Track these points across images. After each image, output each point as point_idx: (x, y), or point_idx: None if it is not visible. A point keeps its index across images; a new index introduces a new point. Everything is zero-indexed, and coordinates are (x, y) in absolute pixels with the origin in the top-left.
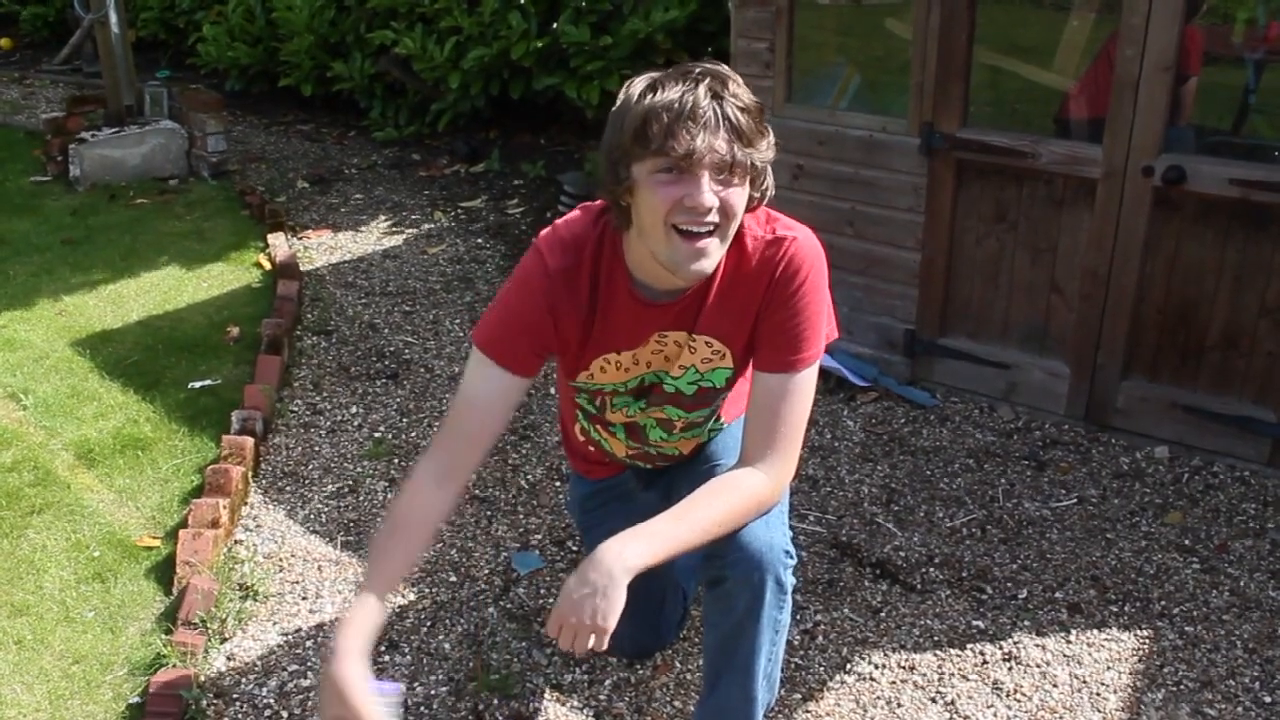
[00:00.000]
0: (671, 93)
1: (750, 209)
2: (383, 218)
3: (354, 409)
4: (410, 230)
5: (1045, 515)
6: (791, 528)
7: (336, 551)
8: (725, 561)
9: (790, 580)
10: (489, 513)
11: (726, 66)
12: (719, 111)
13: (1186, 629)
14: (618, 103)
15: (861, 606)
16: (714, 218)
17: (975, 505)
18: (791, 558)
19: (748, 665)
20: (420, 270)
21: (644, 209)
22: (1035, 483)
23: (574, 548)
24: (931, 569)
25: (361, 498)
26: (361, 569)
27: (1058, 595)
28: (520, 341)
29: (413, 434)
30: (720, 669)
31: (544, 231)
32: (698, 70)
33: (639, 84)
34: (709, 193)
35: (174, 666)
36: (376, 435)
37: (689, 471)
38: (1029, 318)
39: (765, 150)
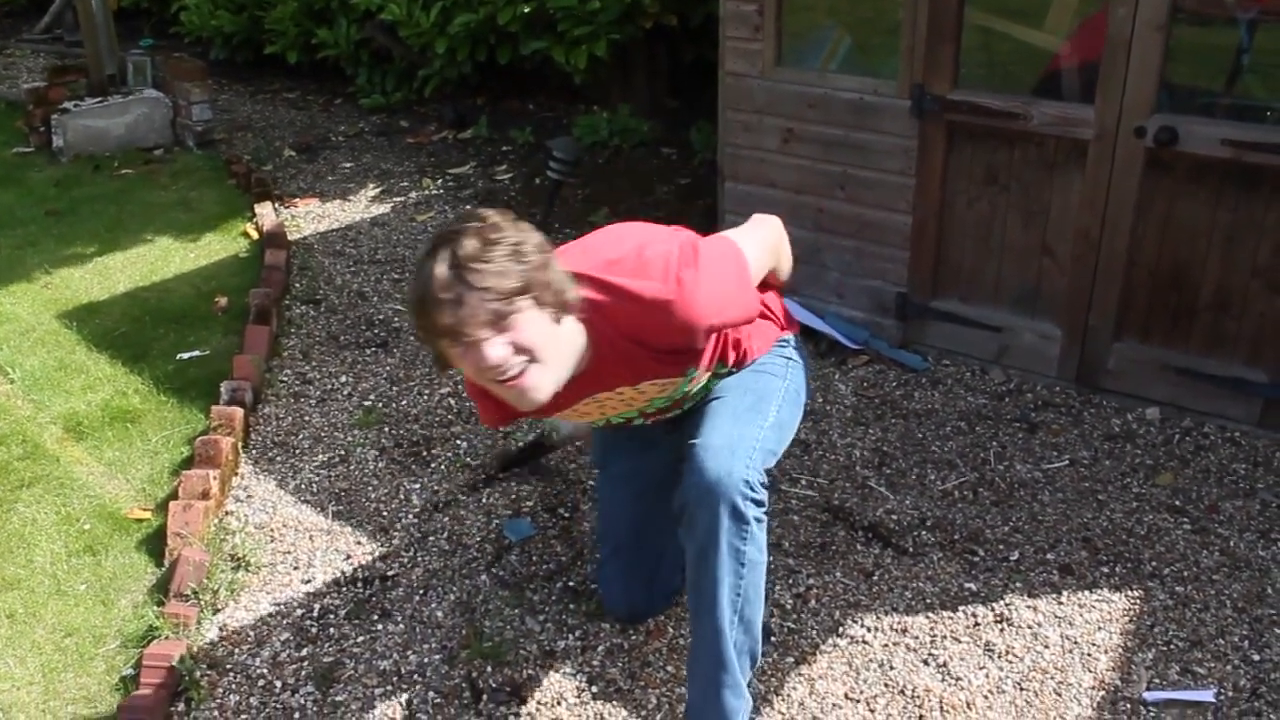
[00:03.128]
0: (416, 285)
1: (563, 309)
2: (370, 185)
3: (344, 378)
4: (398, 198)
5: (1037, 477)
6: (784, 491)
7: (328, 521)
8: (684, 488)
9: (753, 512)
10: (480, 478)
11: (488, 214)
12: (460, 280)
13: (1177, 589)
14: None
15: (854, 570)
16: (517, 359)
17: (967, 468)
18: (754, 490)
19: (713, 595)
20: (409, 238)
21: (463, 369)
22: (1027, 445)
23: (565, 514)
24: (923, 532)
25: (352, 467)
26: (354, 538)
27: (1049, 557)
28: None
29: (403, 402)
30: (694, 607)
31: None
32: (443, 238)
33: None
34: (495, 351)
35: (166, 638)
36: (366, 404)
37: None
38: (1021, 280)
39: (524, 284)
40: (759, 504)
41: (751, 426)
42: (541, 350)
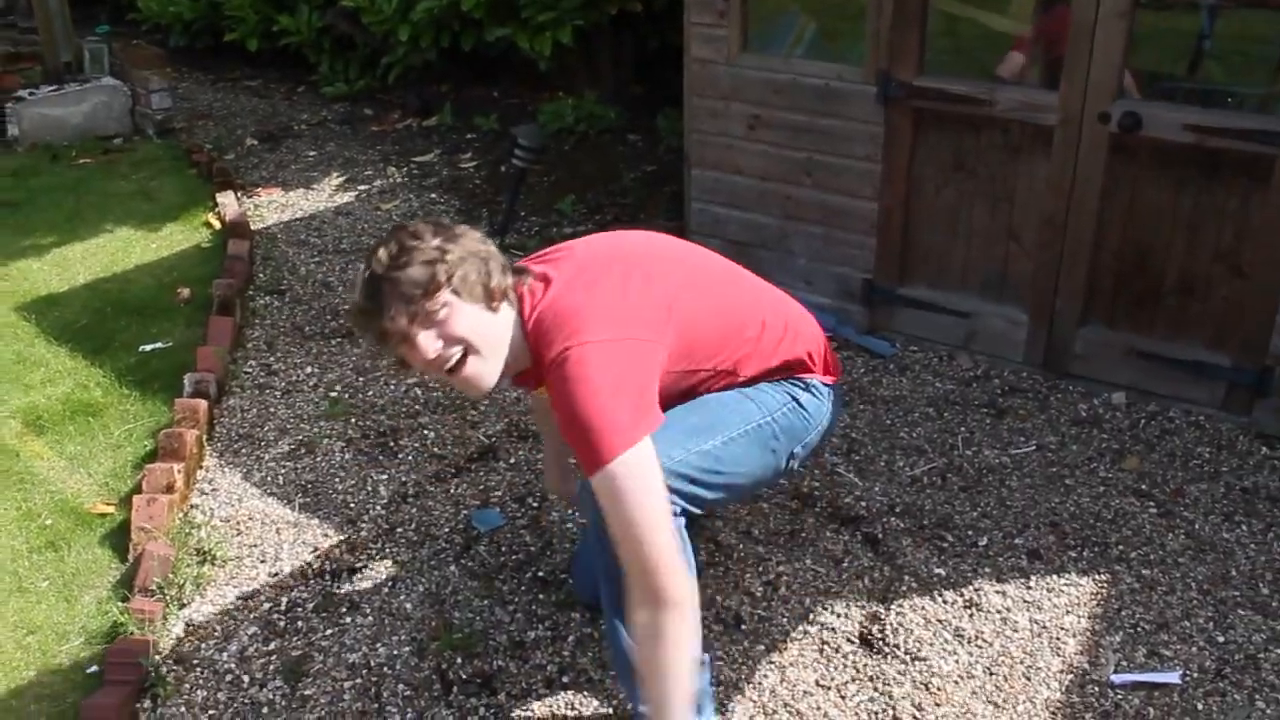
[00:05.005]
0: (351, 295)
1: (492, 298)
2: (334, 174)
3: (309, 369)
4: (363, 186)
5: (1005, 463)
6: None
7: (295, 513)
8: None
9: None
10: (450, 470)
11: (412, 224)
12: (378, 287)
13: (1143, 572)
14: None
15: (823, 557)
16: (452, 352)
17: (935, 454)
18: None
19: (604, 596)
20: (374, 226)
21: (412, 364)
22: (995, 430)
23: (534, 504)
24: (893, 518)
25: (319, 458)
26: (321, 531)
27: (1018, 542)
28: None
29: (369, 393)
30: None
31: None
32: (368, 252)
33: None
34: (427, 345)
35: (132, 634)
36: (333, 395)
37: None
38: (988, 266)
39: (442, 279)
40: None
41: (671, 445)
42: (473, 340)
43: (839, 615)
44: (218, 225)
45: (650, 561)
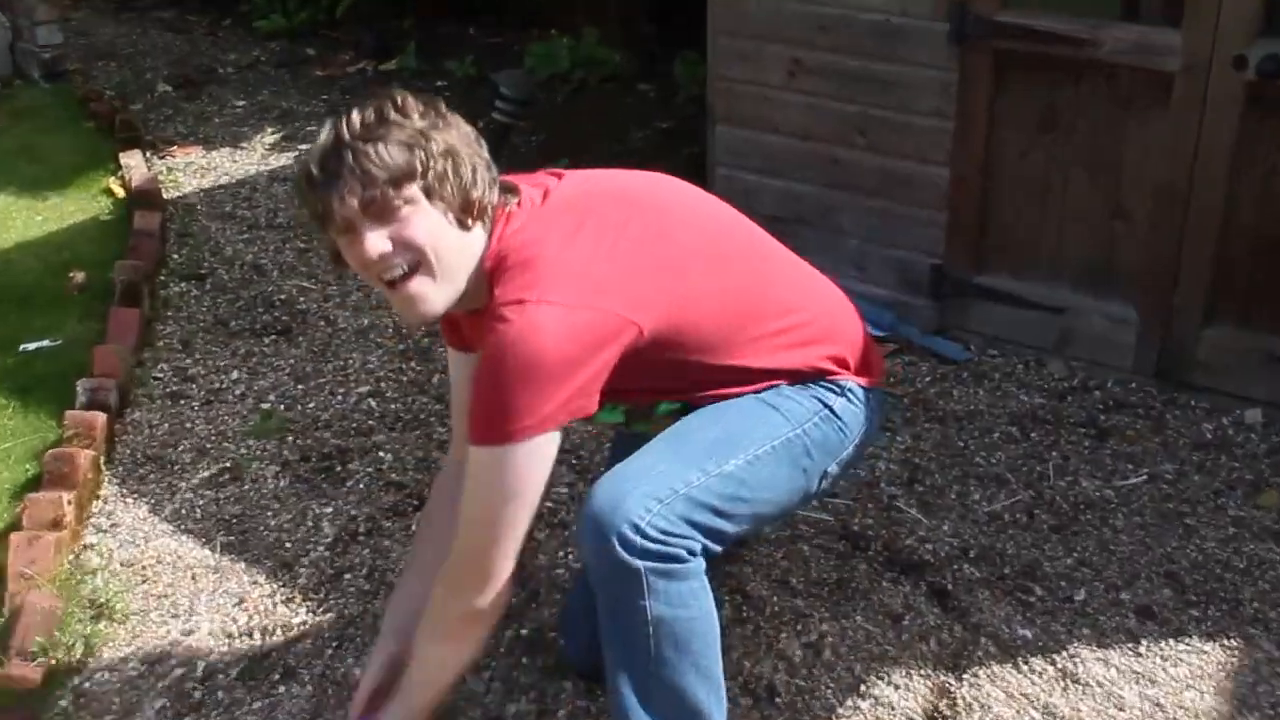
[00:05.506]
0: (302, 158)
1: (467, 214)
2: (269, 130)
3: (235, 374)
4: (304, 145)
5: (1108, 496)
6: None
7: (215, 555)
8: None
9: (643, 565)
10: (412, 503)
11: (404, 94)
12: (340, 157)
13: None
14: None
15: (879, 613)
16: (401, 259)
17: (1020, 485)
18: (648, 537)
19: (610, 667)
20: None
21: (350, 263)
22: (1095, 456)
23: None
24: (966, 565)
25: (246, 486)
26: (249, 577)
27: (1124, 596)
28: None
29: (311, 404)
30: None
31: None
32: (344, 110)
33: None
34: (374, 244)
35: (6, 709)
36: (264, 407)
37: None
38: (1087, 249)
39: (415, 171)
40: (658, 557)
41: (687, 466)
42: (430, 253)
43: (898, 687)
44: (121, 193)
45: (490, 563)
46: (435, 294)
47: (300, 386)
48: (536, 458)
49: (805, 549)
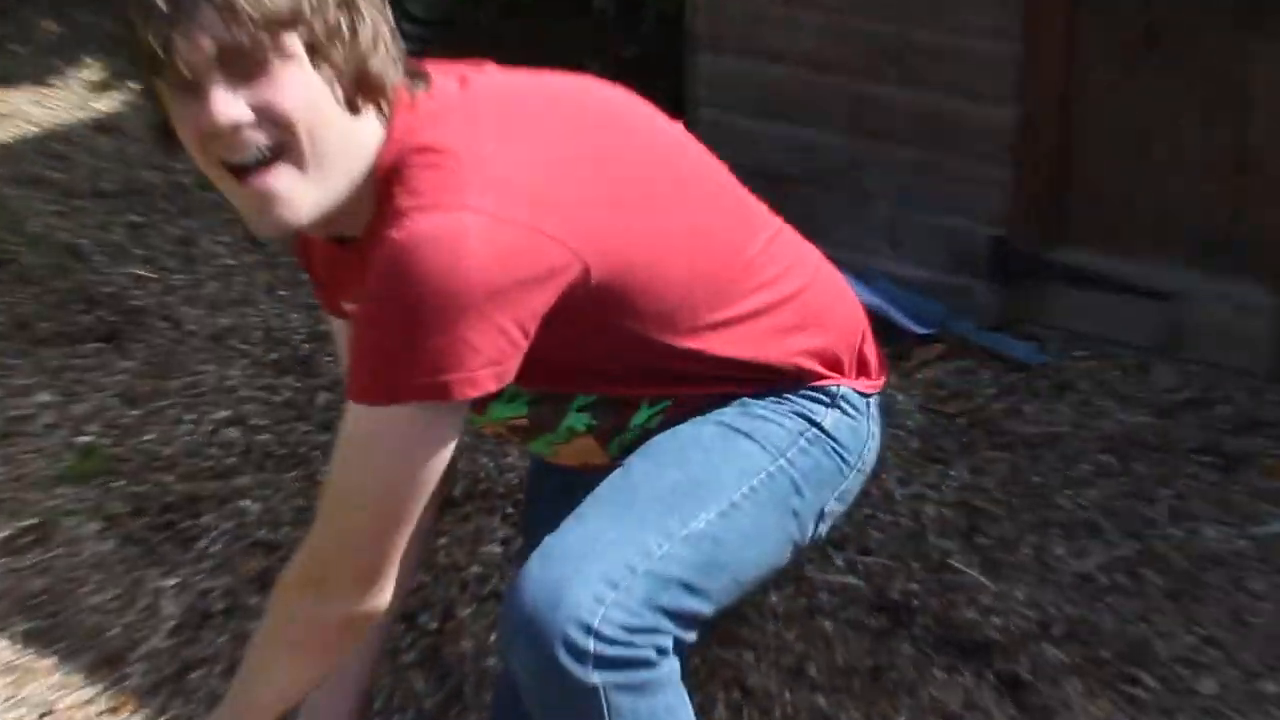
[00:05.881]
0: None
1: (361, 93)
2: (92, 65)
3: (43, 396)
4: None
5: (1242, 549)
6: (809, 579)
7: (13, 648)
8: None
9: (588, 678)
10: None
11: None
12: None
13: None
14: None
15: (930, 712)
16: (262, 136)
17: (1119, 534)
18: (602, 639)
19: None
20: (158, 155)
21: (184, 140)
22: (1222, 494)
23: (431, 624)
24: (1048, 645)
25: (57, 550)
26: (60, 676)
27: (1268, 688)
28: None
29: (147, 437)
30: None
31: None
32: None
33: None
34: (227, 112)
35: None
36: (84, 441)
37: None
38: (1203, 214)
39: (299, 15)
40: (619, 664)
41: (644, 529)
42: (303, 132)
43: None
44: None
45: (377, 552)
46: (302, 193)
47: (133, 412)
48: (434, 426)
49: (827, 625)
